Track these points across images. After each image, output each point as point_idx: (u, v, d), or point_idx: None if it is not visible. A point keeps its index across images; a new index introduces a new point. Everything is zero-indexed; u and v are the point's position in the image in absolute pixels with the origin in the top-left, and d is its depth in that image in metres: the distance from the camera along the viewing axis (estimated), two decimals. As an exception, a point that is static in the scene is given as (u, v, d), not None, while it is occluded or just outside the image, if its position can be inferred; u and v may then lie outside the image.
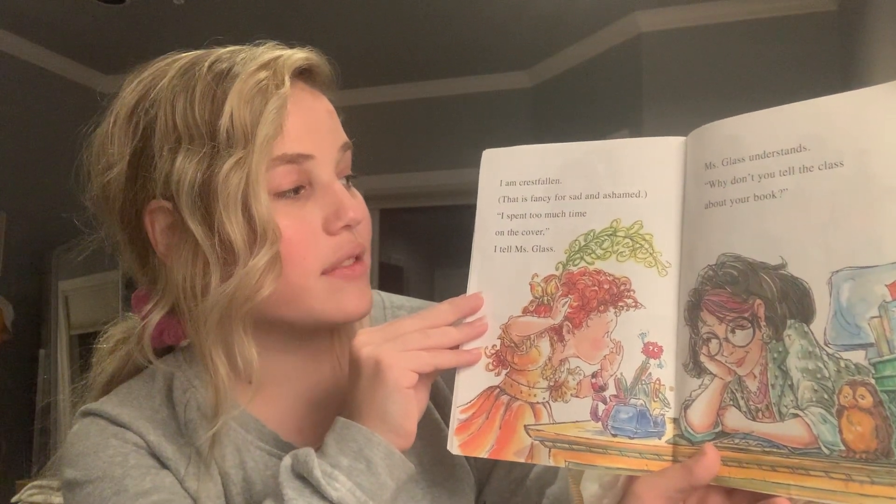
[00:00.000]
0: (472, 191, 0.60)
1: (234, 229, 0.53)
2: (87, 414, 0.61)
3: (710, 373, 0.49)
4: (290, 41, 0.62)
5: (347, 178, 0.62)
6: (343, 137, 0.62)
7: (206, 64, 0.57)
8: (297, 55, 0.59)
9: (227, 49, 0.60)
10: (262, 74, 0.56)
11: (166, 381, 0.63)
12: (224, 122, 0.54)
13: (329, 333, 0.66)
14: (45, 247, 3.16)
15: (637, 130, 2.87)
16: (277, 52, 0.58)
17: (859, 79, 2.37)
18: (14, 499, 1.90)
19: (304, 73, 0.60)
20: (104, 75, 3.45)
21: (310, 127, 0.58)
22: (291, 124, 0.56)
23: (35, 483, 1.89)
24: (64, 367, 3.09)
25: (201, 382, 0.61)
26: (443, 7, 2.92)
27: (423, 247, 6.07)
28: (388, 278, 5.07)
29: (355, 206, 0.59)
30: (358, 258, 0.61)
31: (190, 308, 0.56)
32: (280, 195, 0.56)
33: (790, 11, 2.78)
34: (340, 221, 0.58)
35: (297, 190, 0.57)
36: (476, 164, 0.61)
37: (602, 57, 3.14)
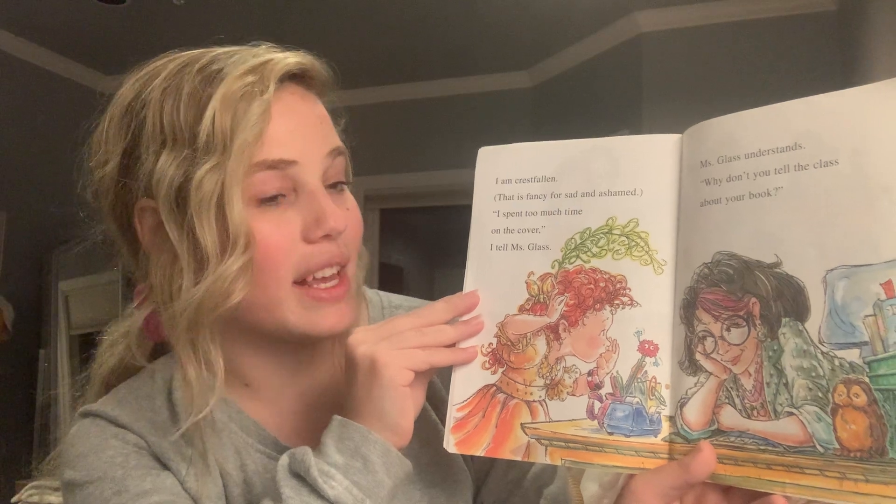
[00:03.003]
0: (472, 191, 0.60)
1: (206, 234, 0.53)
2: (86, 415, 0.61)
3: (706, 371, 0.49)
4: (290, 41, 0.61)
5: (340, 184, 0.61)
6: (332, 143, 0.60)
7: (197, 66, 0.57)
8: (289, 59, 0.58)
9: (223, 50, 0.59)
10: (249, 79, 0.55)
11: (166, 383, 0.63)
12: (205, 125, 0.53)
13: (313, 340, 0.65)
14: (45, 247, 3.16)
15: (637, 130, 2.86)
16: (268, 56, 0.57)
17: (859, 79, 2.36)
18: (14, 499, 1.90)
19: (297, 77, 0.59)
20: (104, 75, 3.45)
21: (295, 132, 0.57)
22: (275, 129, 0.55)
23: (35, 483, 1.88)
24: (64, 367, 3.09)
25: None
26: (443, 7, 2.92)
27: (423, 247, 6.07)
28: (388, 278, 5.07)
29: (337, 215, 0.57)
30: (341, 270, 0.59)
31: (165, 309, 0.56)
32: (262, 202, 0.56)
33: (790, 11, 2.78)
34: (320, 230, 0.56)
35: (277, 197, 0.56)
36: (475, 164, 0.61)
37: (602, 57, 3.14)
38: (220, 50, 0.59)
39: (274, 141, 0.55)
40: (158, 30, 3.02)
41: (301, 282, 0.57)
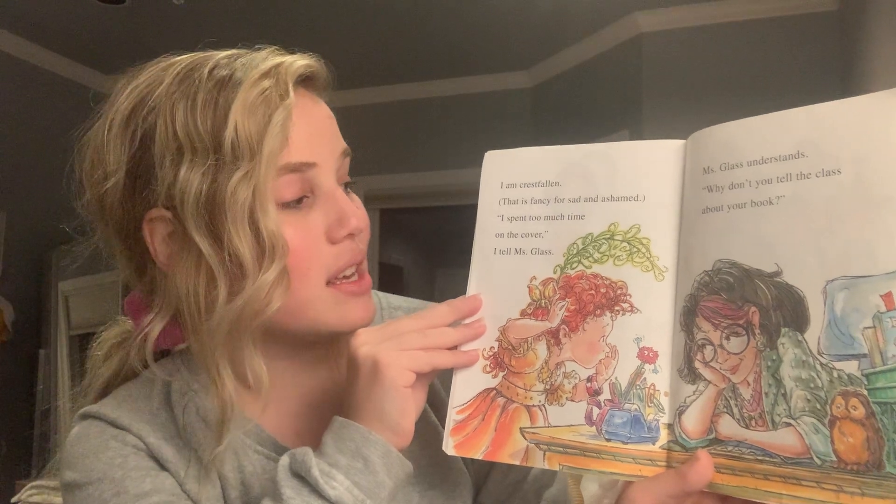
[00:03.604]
0: (472, 191, 0.60)
1: (243, 244, 0.53)
2: (86, 416, 0.61)
3: (705, 379, 0.49)
4: (290, 42, 0.61)
5: (346, 184, 0.62)
6: (343, 144, 0.61)
7: (206, 70, 0.56)
8: (299, 62, 0.58)
9: (225, 53, 0.59)
10: (265, 83, 0.55)
11: (165, 385, 0.62)
12: (229, 133, 0.53)
13: (328, 339, 0.66)
14: (45, 247, 3.16)
15: (637, 130, 2.86)
16: (278, 60, 0.57)
17: (859, 79, 2.36)
18: (14, 499, 1.90)
19: (304, 80, 0.59)
20: (104, 75, 3.44)
21: (312, 135, 0.58)
22: (295, 133, 0.55)
23: (35, 483, 1.88)
24: (64, 367, 3.08)
25: (201, 387, 0.61)
26: (443, 7, 2.92)
27: (423, 247, 6.07)
28: (388, 278, 5.07)
29: (358, 215, 0.59)
30: (359, 267, 0.61)
31: (194, 321, 0.55)
32: (284, 206, 0.56)
33: (790, 11, 2.78)
34: (344, 230, 0.57)
35: (300, 200, 0.57)
36: (476, 164, 0.61)
37: (602, 57, 3.14)
38: (220, 54, 0.59)
39: (294, 144, 0.56)
40: (158, 30, 3.01)
41: (328, 282, 0.58)
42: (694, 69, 2.87)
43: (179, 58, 0.60)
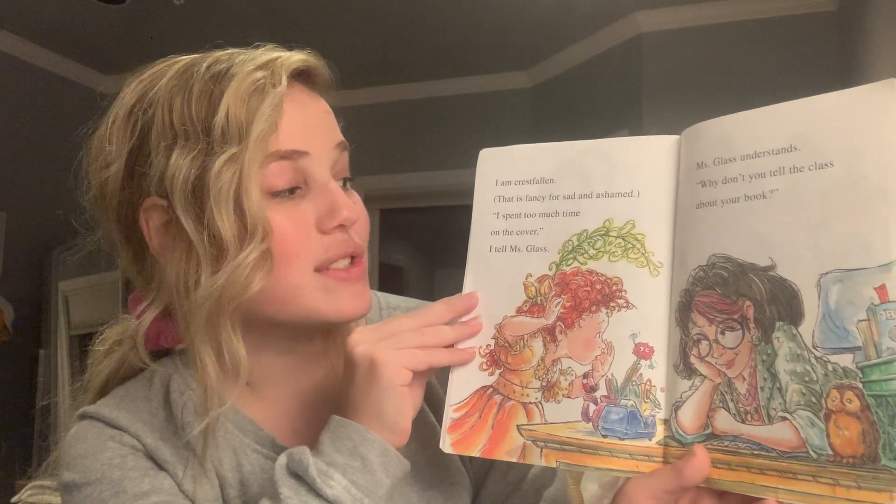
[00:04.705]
0: (472, 191, 0.60)
1: (225, 225, 0.53)
2: (84, 417, 0.61)
3: (701, 374, 0.49)
4: (290, 41, 0.62)
5: (345, 180, 0.62)
6: (339, 136, 0.62)
7: (205, 65, 0.58)
8: (295, 57, 0.59)
9: (226, 51, 0.60)
10: (259, 74, 0.56)
11: (164, 384, 0.63)
12: (219, 119, 0.54)
13: (325, 335, 0.66)
14: (45, 247, 3.17)
15: (637, 131, 2.86)
16: (275, 54, 0.59)
17: (859, 79, 2.36)
18: (14, 499, 1.89)
19: (302, 75, 0.60)
20: (104, 75, 3.45)
21: (305, 124, 0.58)
22: (287, 122, 0.56)
23: (35, 483, 1.88)
24: (64, 367, 3.09)
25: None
26: (443, 7, 2.92)
27: (423, 247, 6.07)
28: (388, 278, 5.07)
29: (350, 206, 0.58)
30: (354, 258, 0.60)
31: (182, 307, 0.56)
32: (276, 194, 0.56)
33: (790, 11, 2.78)
34: (334, 221, 0.57)
35: (292, 190, 0.57)
36: (475, 164, 0.61)
37: (602, 57, 3.14)
38: (220, 52, 0.60)
39: (286, 132, 0.56)
40: (158, 30, 3.02)
41: (317, 269, 0.58)
42: (694, 69, 2.87)
43: (184, 56, 0.61)
